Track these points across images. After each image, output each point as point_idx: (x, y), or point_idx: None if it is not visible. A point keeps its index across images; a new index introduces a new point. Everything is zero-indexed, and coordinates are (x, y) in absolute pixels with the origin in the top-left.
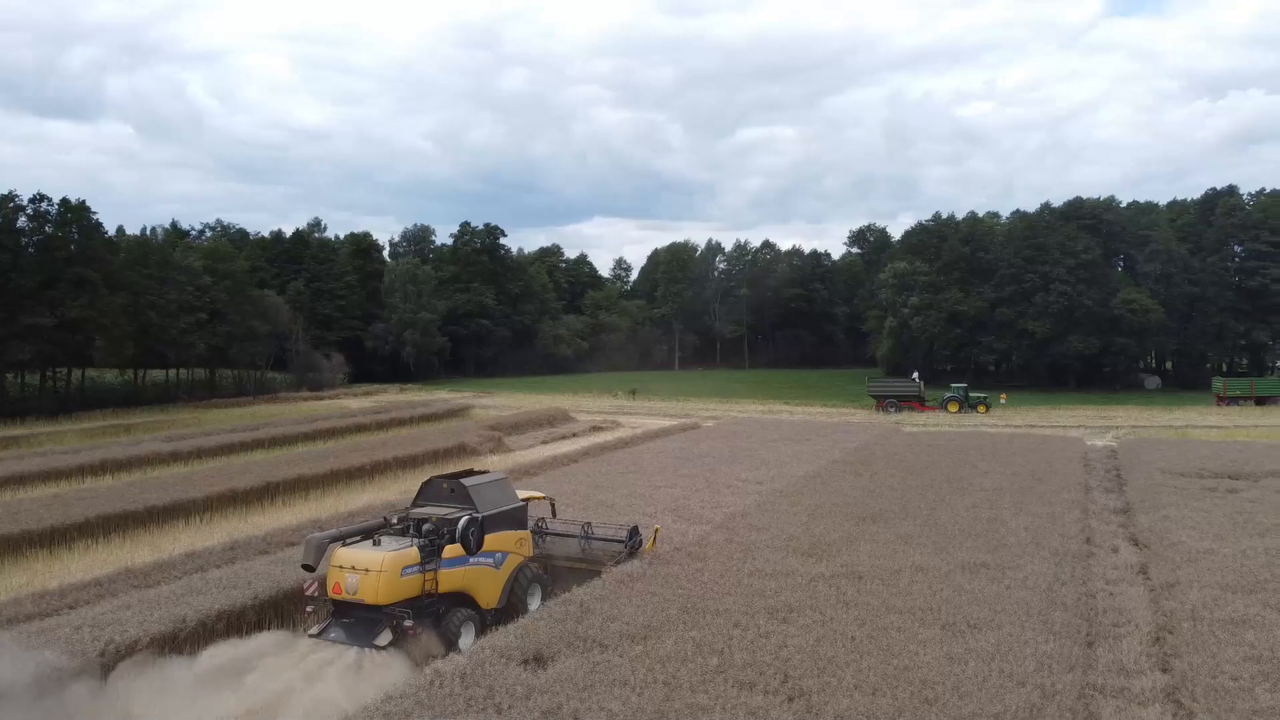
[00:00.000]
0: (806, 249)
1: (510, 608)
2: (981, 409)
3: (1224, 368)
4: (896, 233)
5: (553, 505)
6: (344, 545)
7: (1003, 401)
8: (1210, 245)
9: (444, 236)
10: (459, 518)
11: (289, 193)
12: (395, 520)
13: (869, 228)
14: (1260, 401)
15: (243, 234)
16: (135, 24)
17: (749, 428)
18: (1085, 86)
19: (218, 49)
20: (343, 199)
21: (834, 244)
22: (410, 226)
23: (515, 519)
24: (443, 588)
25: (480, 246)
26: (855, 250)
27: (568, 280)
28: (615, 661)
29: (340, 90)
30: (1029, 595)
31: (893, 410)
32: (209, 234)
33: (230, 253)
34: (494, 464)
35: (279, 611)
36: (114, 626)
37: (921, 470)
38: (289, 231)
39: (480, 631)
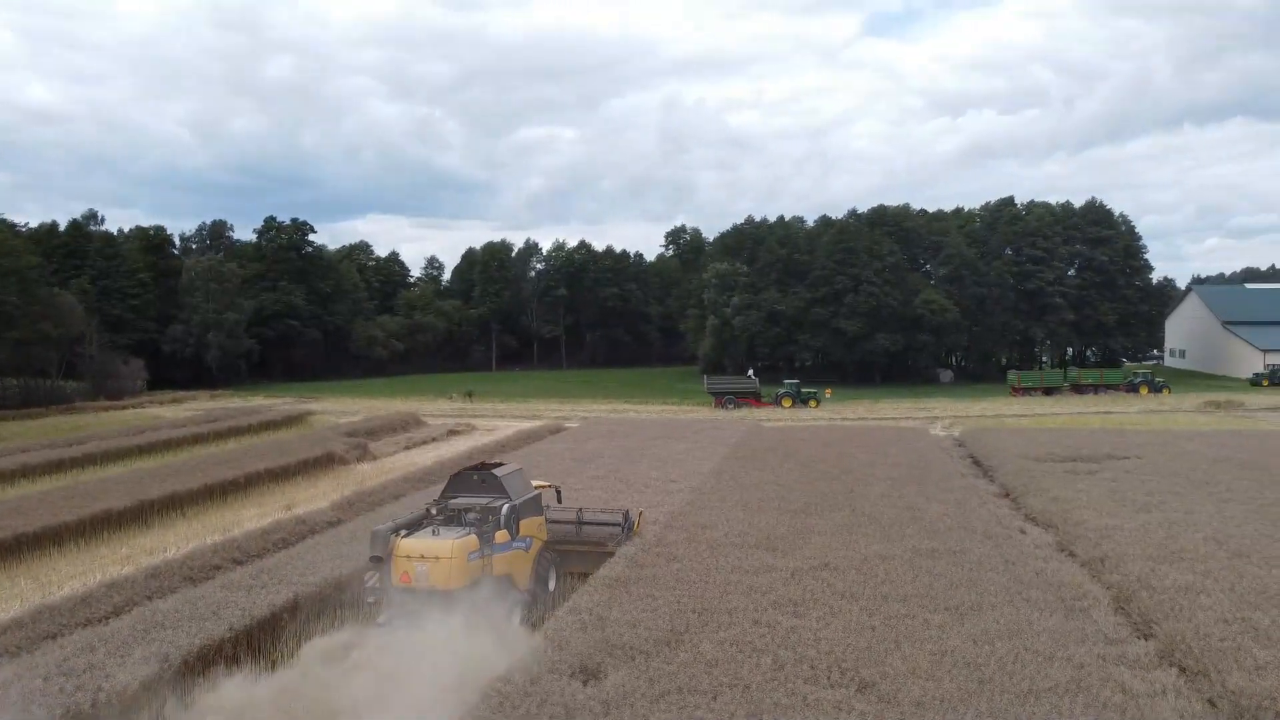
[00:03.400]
0: (592, 248)
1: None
2: (813, 404)
3: (1004, 361)
4: (708, 234)
5: (558, 492)
6: (403, 536)
7: (828, 396)
8: (994, 250)
9: (244, 233)
10: (500, 505)
11: (15, 180)
12: (435, 511)
13: (682, 229)
14: (1048, 392)
15: (8, 225)
16: None
17: (617, 428)
18: (842, 100)
19: None
20: (81, 188)
21: (608, 243)
22: (206, 221)
23: (537, 506)
24: (496, 571)
25: (287, 243)
26: (670, 250)
27: (379, 279)
28: (669, 669)
29: (75, 68)
30: (996, 577)
31: (731, 406)
32: None
33: (17, 246)
34: (366, 472)
35: (251, 642)
36: (90, 673)
37: (811, 463)
38: (39, 222)
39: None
